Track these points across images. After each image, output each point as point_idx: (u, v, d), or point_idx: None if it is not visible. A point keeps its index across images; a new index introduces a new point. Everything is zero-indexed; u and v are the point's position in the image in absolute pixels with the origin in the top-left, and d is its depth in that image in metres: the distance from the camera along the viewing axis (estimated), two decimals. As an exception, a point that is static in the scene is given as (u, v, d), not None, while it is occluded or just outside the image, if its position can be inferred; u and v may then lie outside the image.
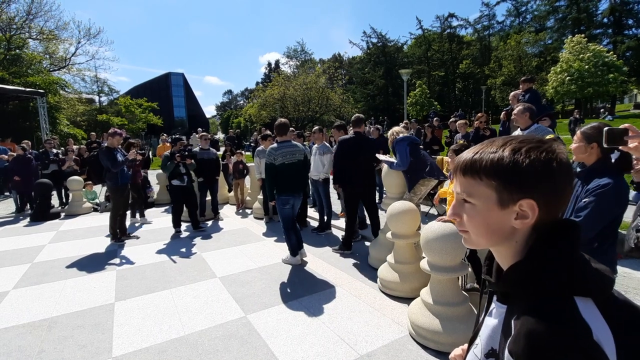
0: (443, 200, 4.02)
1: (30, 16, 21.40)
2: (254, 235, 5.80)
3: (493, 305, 0.69)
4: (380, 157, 4.47)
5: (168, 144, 10.22)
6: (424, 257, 3.00)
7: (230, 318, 3.16)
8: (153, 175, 9.28)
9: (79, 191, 8.00)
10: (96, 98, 30.82)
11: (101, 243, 5.56)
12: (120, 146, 5.64)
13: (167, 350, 2.71)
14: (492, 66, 38.98)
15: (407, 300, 3.30)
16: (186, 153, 5.93)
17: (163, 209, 8.05)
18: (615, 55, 24.88)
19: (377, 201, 5.40)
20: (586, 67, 23.75)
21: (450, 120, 8.79)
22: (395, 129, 4.35)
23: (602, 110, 29.20)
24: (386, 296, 3.49)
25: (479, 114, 6.62)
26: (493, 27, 43.76)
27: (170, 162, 5.77)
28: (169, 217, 6.32)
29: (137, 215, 6.87)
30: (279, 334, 2.89)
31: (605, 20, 32.73)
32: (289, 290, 3.69)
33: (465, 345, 0.88)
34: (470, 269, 3.06)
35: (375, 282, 3.76)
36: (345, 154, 4.62)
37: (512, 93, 6.05)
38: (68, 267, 4.61)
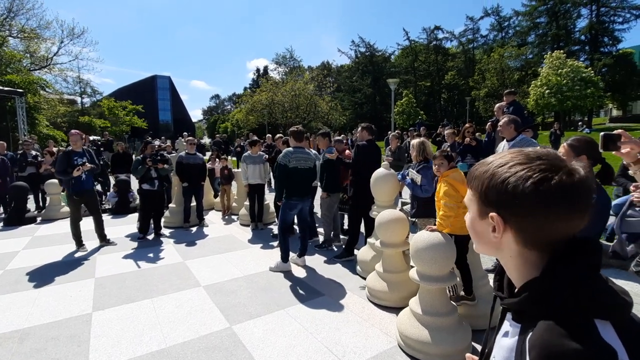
0: None
1: (12, 14, 20.78)
2: (240, 243, 5.68)
3: (506, 324, 0.67)
4: (412, 174, 3.83)
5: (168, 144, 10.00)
6: (412, 267, 2.99)
7: (215, 329, 3.06)
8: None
9: (57, 195, 7.70)
10: (78, 99, 30.03)
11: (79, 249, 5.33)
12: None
13: (148, 364, 2.59)
14: (476, 78, 40.07)
15: (395, 310, 3.27)
16: (158, 157, 5.81)
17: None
18: (592, 71, 25.94)
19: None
20: (564, 81, 24.68)
21: (439, 130, 8.92)
22: (421, 140, 4.05)
23: (580, 123, 30.36)
24: (374, 306, 3.45)
25: (467, 125, 6.74)
26: (477, 41, 45.18)
27: (142, 165, 5.66)
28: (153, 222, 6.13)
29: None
30: (265, 346, 2.80)
31: (583, 37, 34.21)
32: (275, 300, 3.61)
33: (475, 357, 0.85)
34: (458, 279, 3.06)
35: (363, 291, 3.72)
36: (361, 160, 4.67)
37: (497, 105, 6.20)
38: (43, 274, 4.39)
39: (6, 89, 12.68)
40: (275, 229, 6.20)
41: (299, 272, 4.36)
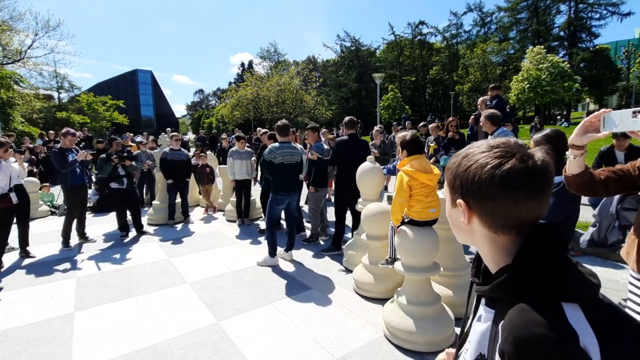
0: None
1: (-20, 4, 19.78)
2: (227, 239, 5.64)
3: (481, 309, 0.69)
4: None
5: (133, 144, 9.77)
6: (398, 258, 3.03)
7: (202, 325, 3.04)
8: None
9: (35, 193, 7.44)
10: (55, 94, 28.93)
11: (59, 248, 5.18)
12: (76, 145, 5.32)
13: (133, 362, 2.56)
14: (460, 73, 40.61)
15: (381, 301, 3.33)
16: (124, 154, 5.67)
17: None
18: (569, 66, 26.67)
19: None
20: (544, 76, 25.30)
21: (421, 124, 9.03)
22: (405, 133, 4.24)
23: (559, 117, 31.22)
24: (361, 297, 3.50)
25: (450, 119, 6.84)
26: (461, 36, 45.65)
27: (107, 164, 5.45)
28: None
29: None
30: (252, 340, 2.81)
31: (562, 33, 35.07)
32: (263, 295, 3.61)
33: (452, 350, 0.87)
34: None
35: (350, 284, 3.76)
36: (341, 156, 4.67)
37: (480, 99, 6.31)
38: (21, 275, 4.26)
39: (-23, 83, 12.12)
40: (262, 224, 6.18)
41: (287, 267, 4.37)
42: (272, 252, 4.39)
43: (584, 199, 3.80)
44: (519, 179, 0.58)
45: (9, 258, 4.79)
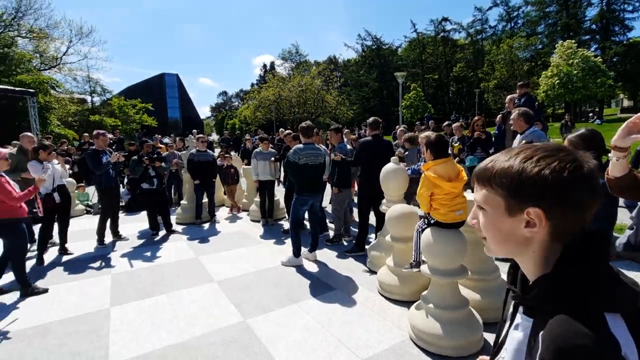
0: None
1: (20, 14, 21.06)
2: (251, 238, 5.75)
3: (519, 317, 0.68)
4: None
5: (162, 146, 10.11)
6: (423, 262, 3.00)
7: (230, 323, 3.12)
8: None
9: (72, 193, 7.85)
10: (88, 98, 30.42)
11: (94, 246, 5.45)
12: (109, 147, 5.58)
13: (166, 357, 2.67)
14: (485, 69, 39.44)
15: (407, 303, 3.30)
16: (155, 156, 5.88)
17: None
18: (601, 60, 25.35)
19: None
20: (575, 71, 24.17)
21: (445, 123, 8.85)
22: (429, 133, 4.27)
23: (591, 114, 29.72)
24: (386, 299, 3.48)
25: (476, 117, 6.68)
26: (486, 32, 44.32)
27: (138, 165, 5.68)
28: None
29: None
30: (279, 339, 2.86)
31: (594, 26, 33.38)
32: (288, 294, 3.66)
33: (485, 358, 0.87)
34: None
35: (374, 285, 3.75)
36: (364, 157, 4.65)
37: (508, 97, 6.13)
38: (60, 271, 4.52)
39: (18, 89, 12.90)
40: (285, 224, 6.26)
41: (311, 267, 4.41)
42: (297, 253, 4.44)
43: (620, 201, 3.63)
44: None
45: (49, 255, 5.08)
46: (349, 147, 6.28)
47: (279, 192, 6.86)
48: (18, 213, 3.69)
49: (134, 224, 6.72)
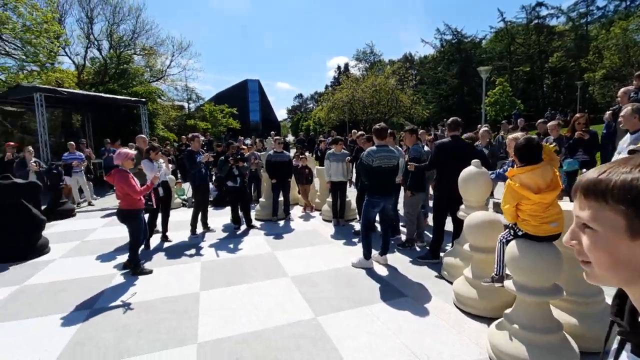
0: None
1: (135, 35, 24.84)
2: (323, 237, 5.91)
3: (624, 355, 0.60)
4: None
5: (245, 147, 10.97)
6: (507, 276, 2.75)
7: (302, 318, 3.27)
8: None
9: (171, 188, 9.03)
10: (186, 105, 34.48)
11: (187, 236, 6.17)
12: (201, 148, 6.29)
13: (244, 342, 2.91)
14: (591, 58, 34.01)
15: (486, 319, 3.06)
16: (239, 156, 6.38)
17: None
18: None
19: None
20: None
21: (539, 121, 7.89)
22: (517, 135, 3.91)
23: None
24: (462, 312, 3.27)
25: (577, 115, 5.83)
26: (592, 14, 38.21)
27: (225, 165, 6.26)
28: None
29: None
30: (347, 339, 2.90)
31: None
32: (358, 296, 3.68)
33: None
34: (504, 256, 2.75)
35: (450, 295, 3.55)
36: (441, 160, 4.46)
37: (622, 89, 5.24)
38: (161, 256, 5.22)
39: (134, 99, 15.36)
40: (357, 225, 6.28)
41: (381, 270, 4.36)
42: (367, 255, 4.43)
43: None
44: None
45: (152, 241, 5.91)
46: (426, 148, 6.03)
47: (351, 193, 6.90)
48: (139, 204, 4.41)
49: (220, 218, 7.43)
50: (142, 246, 5.21)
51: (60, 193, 8.15)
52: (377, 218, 4.83)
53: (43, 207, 6.40)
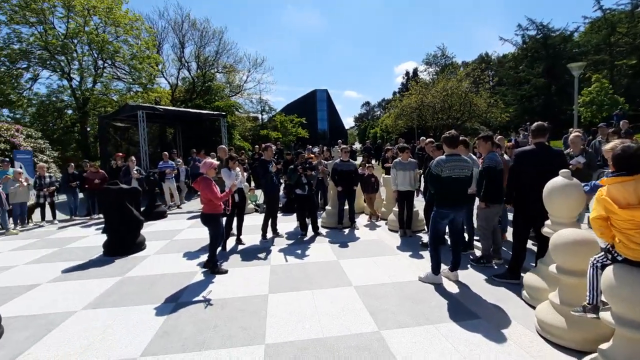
0: None
1: (218, 55, 27.55)
2: (388, 248, 5.78)
3: None
4: None
5: (313, 155, 11.32)
6: (603, 305, 2.38)
7: (365, 330, 3.23)
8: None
9: (246, 195, 9.72)
10: (259, 116, 36.93)
11: (259, 240, 6.56)
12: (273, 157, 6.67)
13: (308, 348, 2.98)
14: None
15: (576, 353, 2.68)
16: (307, 165, 6.54)
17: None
18: None
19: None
20: None
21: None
22: (616, 143, 3.37)
23: None
24: (546, 342, 2.92)
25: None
26: None
27: (294, 173, 6.48)
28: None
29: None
30: (411, 356, 2.78)
31: None
32: (425, 313, 3.52)
33: None
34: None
35: (531, 322, 3.19)
36: (523, 169, 4.07)
37: None
38: (236, 257, 5.63)
39: (216, 112, 17.08)
40: (424, 237, 6.02)
41: (451, 287, 4.11)
42: (436, 269, 4.22)
43: None
44: None
45: (228, 243, 6.41)
46: (506, 157, 5.53)
47: (419, 203, 6.65)
48: (219, 209, 4.87)
49: (288, 224, 7.75)
50: (220, 248, 5.69)
51: (155, 197, 9.36)
52: (447, 230, 4.57)
53: (142, 209, 7.41)
